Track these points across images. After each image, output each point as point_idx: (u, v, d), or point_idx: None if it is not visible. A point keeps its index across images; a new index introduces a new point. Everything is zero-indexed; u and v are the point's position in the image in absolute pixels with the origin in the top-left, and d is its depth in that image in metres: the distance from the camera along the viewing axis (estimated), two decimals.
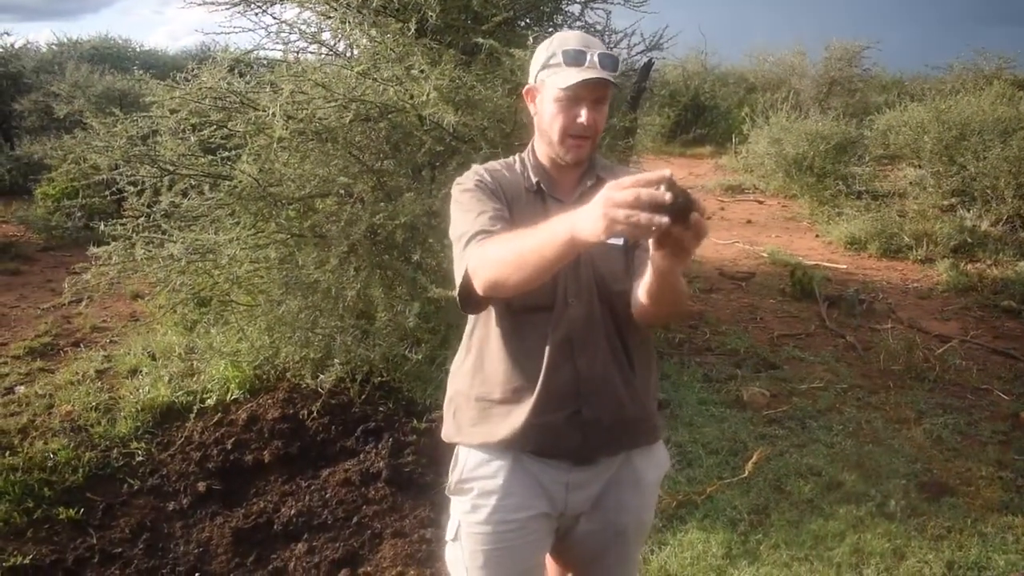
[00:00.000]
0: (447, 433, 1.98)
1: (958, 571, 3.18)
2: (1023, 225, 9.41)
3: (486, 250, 1.64)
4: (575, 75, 1.72)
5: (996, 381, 5.22)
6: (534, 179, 1.86)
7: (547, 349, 1.79)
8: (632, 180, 1.29)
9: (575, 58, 1.74)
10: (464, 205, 1.79)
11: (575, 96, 1.75)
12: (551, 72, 1.78)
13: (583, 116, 1.76)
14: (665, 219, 1.25)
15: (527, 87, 1.88)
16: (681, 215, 1.27)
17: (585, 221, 1.36)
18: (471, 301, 1.74)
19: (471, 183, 1.83)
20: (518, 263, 1.54)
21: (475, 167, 1.89)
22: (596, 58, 1.74)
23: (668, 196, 1.25)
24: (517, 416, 1.82)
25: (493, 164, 1.92)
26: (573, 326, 1.79)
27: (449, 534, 1.95)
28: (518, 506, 1.85)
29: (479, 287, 1.65)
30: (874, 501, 3.63)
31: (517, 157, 1.94)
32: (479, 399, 1.88)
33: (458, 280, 1.72)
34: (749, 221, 10.55)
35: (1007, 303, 6.87)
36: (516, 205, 1.82)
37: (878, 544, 3.30)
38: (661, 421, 2.02)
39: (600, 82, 1.73)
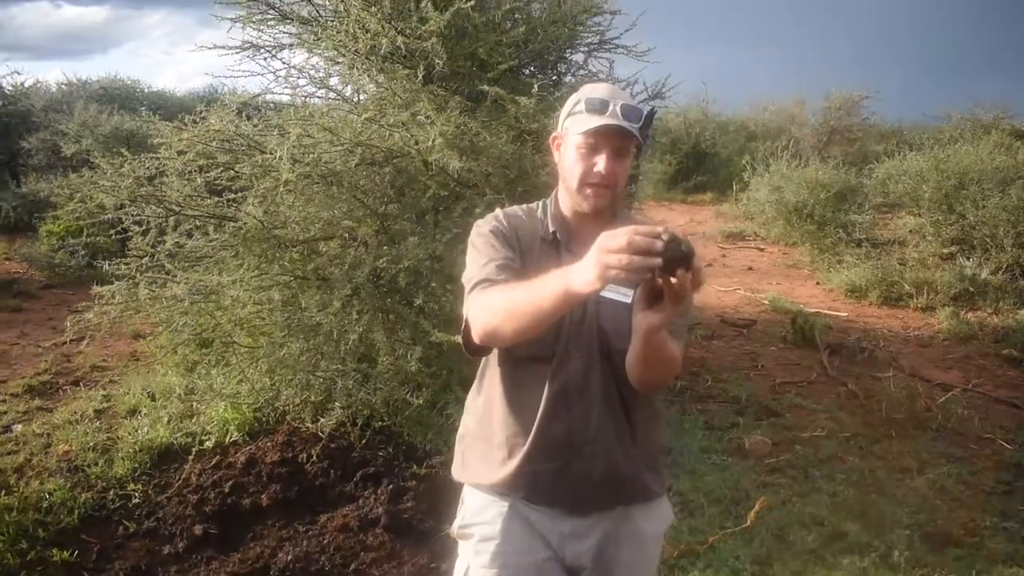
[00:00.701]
0: (455, 470, 2.01)
1: None
2: (1023, 274, 9.44)
3: (486, 299, 1.68)
4: (595, 121, 1.74)
5: (999, 430, 5.19)
6: (551, 229, 1.87)
7: (543, 399, 1.80)
8: (627, 228, 1.33)
9: (598, 107, 1.76)
10: (478, 249, 1.82)
11: (595, 144, 1.76)
12: (574, 120, 1.80)
13: (601, 165, 1.76)
14: (658, 261, 1.31)
15: (554, 135, 1.90)
16: (683, 261, 1.32)
17: (579, 272, 1.41)
18: (471, 347, 1.78)
19: (488, 227, 1.85)
20: (513, 313, 1.58)
21: (497, 211, 1.92)
22: (619, 108, 1.75)
23: (660, 243, 1.30)
24: (512, 462, 1.84)
25: (515, 209, 1.94)
26: (571, 379, 1.80)
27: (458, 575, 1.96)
28: (518, 551, 1.86)
29: (476, 335, 1.70)
30: (878, 552, 3.60)
31: (540, 203, 1.95)
32: (484, 440, 1.91)
33: (466, 312, 1.77)
34: (750, 268, 10.58)
35: (1008, 352, 6.86)
36: (530, 254, 1.84)
37: None
38: (663, 477, 2.01)
39: (618, 130, 1.74)
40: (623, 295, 1.76)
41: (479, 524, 1.90)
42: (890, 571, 3.46)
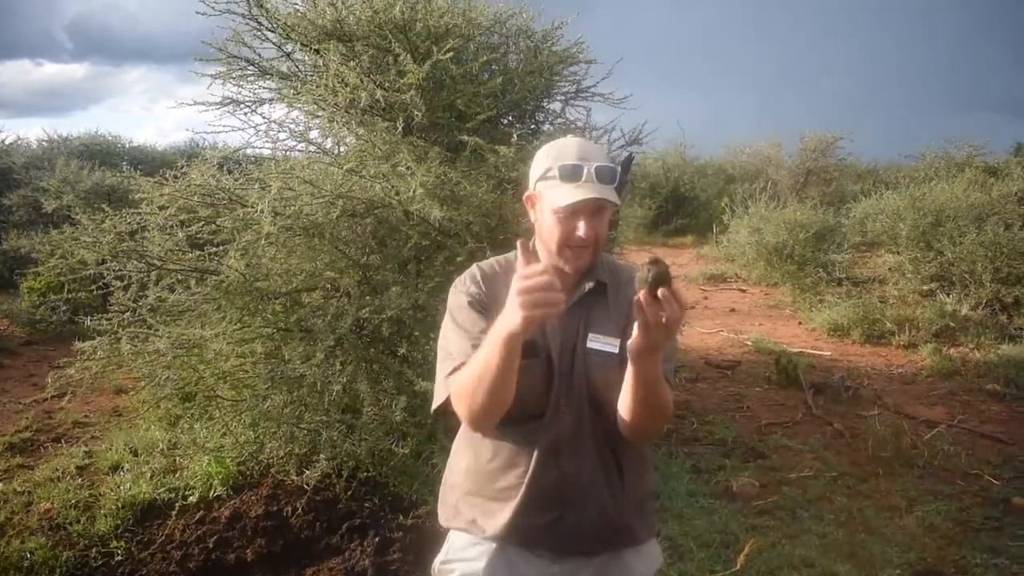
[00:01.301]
0: (443, 518, 2.00)
1: None
2: (1003, 309, 9.53)
3: (457, 382, 1.73)
4: (571, 194, 1.71)
5: (986, 466, 5.20)
6: None
7: (535, 454, 1.81)
8: (533, 269, 1.46)
9: (572, 174, 1.73)
10: (456, 321, 1.83)
11: (573, 210, 1.74)
12: (548, 185, 1.77)
13: (581, 230, 1.74)
14: (561, 296, 1.46)
15: (527, 194, 1.88)
16: (662, 279, 1.46)
17: (506, 318, 1.50)
18: (445, 410, 1.81)
19: (464, 296, 1.85)
20: (481, 382, 1.63)
21: (472, 269, 1.92)
22: (593, 171, 1.73)
23: (544, 280, 1.45)
24: (503, 515, 1.84)
25: (493, 265, 1.93)
26: (562, 432, 1.81)
27: None
28: None
29: (468, 419, 1.76)
30: None
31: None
32: (472, 494, 1.91)
33: (437, 400, 1.81)
34: (732, 309, 10.64)
35: (991, 386, 6.91)
36: None
37: None
38: (652, 521, 2.02)
39: (596, 201, 1.72)
40: (610, 345, 1.78)
41: (461, 561, 1.90)
42: None
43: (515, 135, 4.20)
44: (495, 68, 4.78)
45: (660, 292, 1.41)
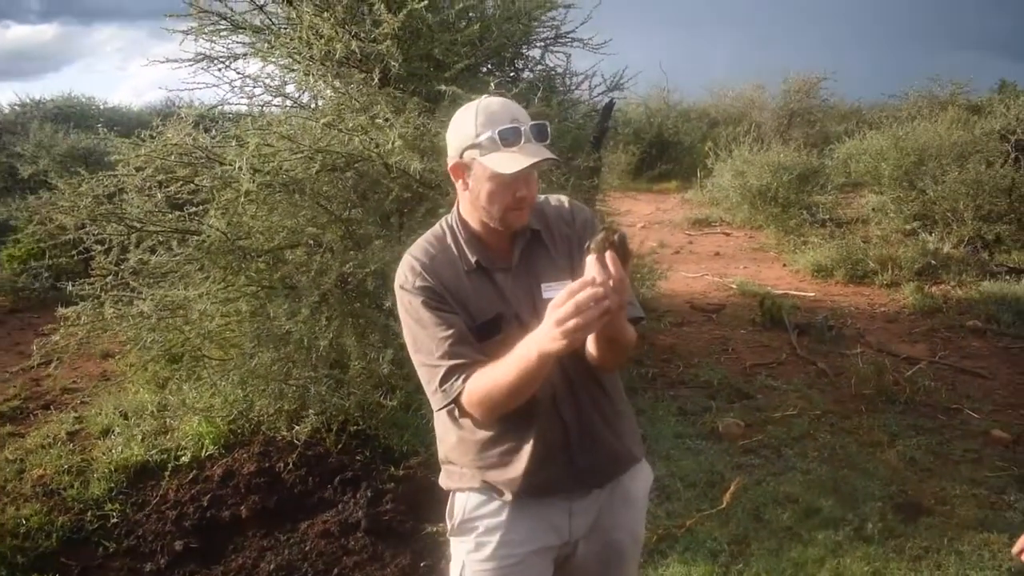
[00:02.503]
0: (448, 483, 2.00)
1: None
2: (984, 246, 9.61)
3: (473, 390, 1.72)
4: (515, 160, 1.69)
5: (966, 400, 5.30)
6: (472, 258, 1.82)
7: (535, 414, 1.82)
8: (566, 292, 1.45)
9: (512, 137, 1.70)
10: (418, 322, 1.80)
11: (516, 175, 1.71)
12: (484, 152, 1.72)
13: (523, 190, 1.75)
14: (607, 303, 1.43)
15: (453, 164, 1.81)
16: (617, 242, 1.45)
17: (546, 341, 1.51)
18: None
19: (416, 296, 1.79)
20: (510, 392, 1.66)
21: (410, 262, 1.84)
22: (530, 132, 1.72)
23: (602, 292, 1.43)
24: (514, 471, 1.86)
25: (426, 249, 1.85)
26: (554, 384, 1.82)
27: (454, 574, 1.98)
28: (523, 540, 1.90)
29: (484, 420, 1.79)
30: (852, 525, 3.66)
31: (446, 228, 1.88)
32: (473, 466, 1.91)
33: (437, 404, 1.79)
34: (717, 253, 10.68)
35: (972, 323, 7.00)
36: (463, 294, 1.81)
37: (858, 568, 3.32)
38: (639, 436, 2.08)
39: (542, 164, 1.72)
40: (563, 287, 1.79)
41: (482, 517, 1.91)
42: (864, 543, 3.52)
43: (493, 83, 4.16)
44: (472, 15, 4.72)
45: (607, 255, 1.42)
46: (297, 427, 3.92)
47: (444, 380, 1.74)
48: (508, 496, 1.88)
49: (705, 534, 3.59)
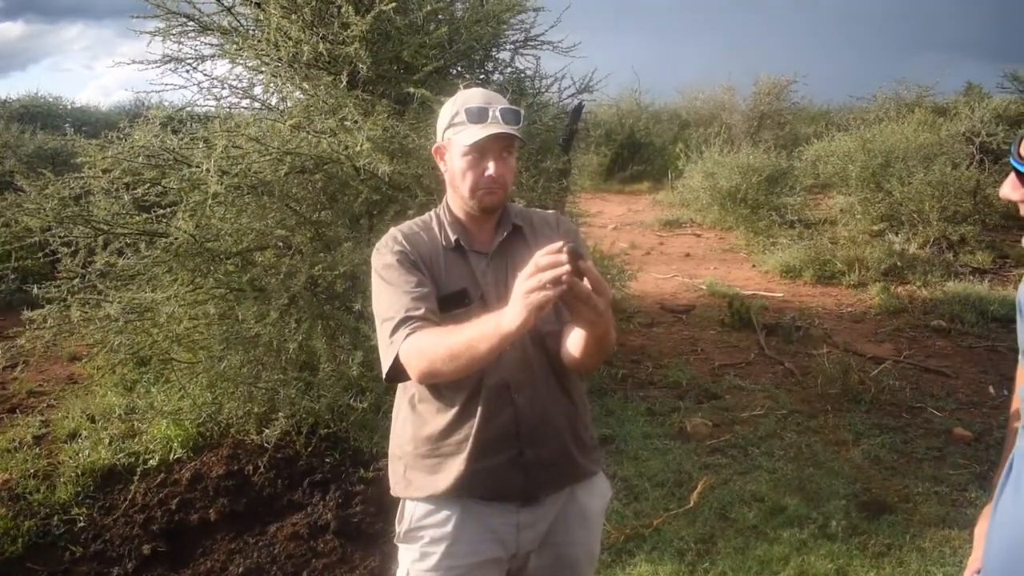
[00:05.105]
0: (395, 489, 2.00)
1: None
2: (949, 247, 9.78)
3: (418, 342, 1.71)
4: (478, 131, 1.80)
5: (929, 399, 5.39)
6: (452, 236, 1.90)
7: (482, 395, 1.83)
8: (532, 265, 1.44)
9: (478, 115, 1.82)
10: (386, 280, 1.84)
11: (481, 151, 1.82)
12: (456, 130, 1.85)
13: (491, 168, 1.83)
14: (566, 265, 1.42)
15: (436, 145, 1.95)
16: (576, 253, 1.44)
17: (510, 317, 1.49)
18: (401, 378, 1.82)
19: (391, 256, 1.86)
20: (451, 357, 1.64)
21: (392, 232, 1.93)
22: (499, 113, 1.82)
23: (564, 255, 1.41)
24: (459, 464, 1.85)
25: (411, 226, 1.95)
26: (508, 369, 1.83)
27: None
28: (467, 552, 1.88)
29: (414, 376, 1.75)
30: (816, 523, 3.72)
31: (433, 214, 1.98)
32: (424, 456, 1.90)
33: (386, 362, 1.79)
34: (687, 254, 10.76)
35: (937, 323, 7.12)
36: (436, 267, 1.87)
37: (822, 565, 3.37)
38: (599, 452, 2.07)
39: (502, 136, 1.81)
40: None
41: (428, 527, 1.90)
42: (828, 541, 3.57)
43: (462, 86, 4.16)
44: (441, 17, 4.73)
45: (580, 263, 1.44)
46: (267, 430, 3.90)
47: (395, 331, 1.76)
48: (455, 505, 1.87)
49: (672, 533, 3.62)
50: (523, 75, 5.26)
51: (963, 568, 3.33)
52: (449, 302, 1.84)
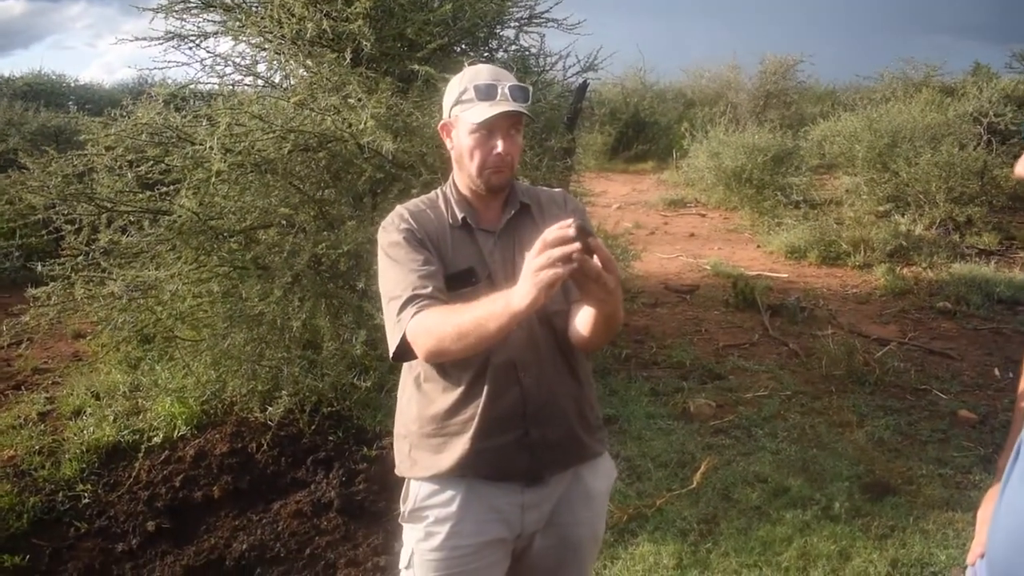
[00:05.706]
0: (400, 468, 1.99)
1: (902, 568, 3.27)
2: (955, 228, 9.73)
3: (425, 320, 1.70)
4: (487, 109, 1.77)
5: (934, 381, 5.38)
6: (459, 214, 1.88)
7: (488, 374, 1.82)
8: (540, 243, 1.41)
9: (486, 92, 1.80)
10: (393, 258, 1.82)
11: (490, 129, 1.80)
12: (464, 107, 1.82)
13: (500, 147, 1.80)
14: (576, 242, 1.39)
15: (442, 123, 1.92)
16: (585, 231, 1.41)
17: (519, 295, 1.46)
18: (407, 358, 1.80)
19: (397, 234, 1.84)
20: (459, 336, 1.62)
21: (399, 210, 1.91)
22: (508, 91, 1.79)
23: (572, 232, 1.38)
24: (464, 443, 1.84)
25: (417, 204, 1.94)
26: (515, 349, 1.81)
27: (403, 562, 1.96)
28: (472, 532, 1.87)
29: (421, 355, 1.73)
30: (819, 504, 3.72)
31: (439, 192, 1.96)
32: (430, 435, 1.89)
33: (393, 341, 1.77)
34: (692, 234, 10.73)
35: (942, 304, 7.09)
36: (443, 245, 1.85)
37: (824, 546, 3.38)
38: (605, 433, 2.07)
39: (511, 114, 1.78)
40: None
41: (433, 507, 1.89)
42: (831, 522, 3.58)
43: (467, 63, 4.14)
44: None
45: (590, 241, 1.42)
46: (270, 408, 3.91)
47: (402, 309, 1.74)
48: (459, 485, 1.86)
49: (675, 513, 3.63)
50: (528, 53, 5.23)
51: (966, 551, 3.34)
52: (456, 281, 1.82)
